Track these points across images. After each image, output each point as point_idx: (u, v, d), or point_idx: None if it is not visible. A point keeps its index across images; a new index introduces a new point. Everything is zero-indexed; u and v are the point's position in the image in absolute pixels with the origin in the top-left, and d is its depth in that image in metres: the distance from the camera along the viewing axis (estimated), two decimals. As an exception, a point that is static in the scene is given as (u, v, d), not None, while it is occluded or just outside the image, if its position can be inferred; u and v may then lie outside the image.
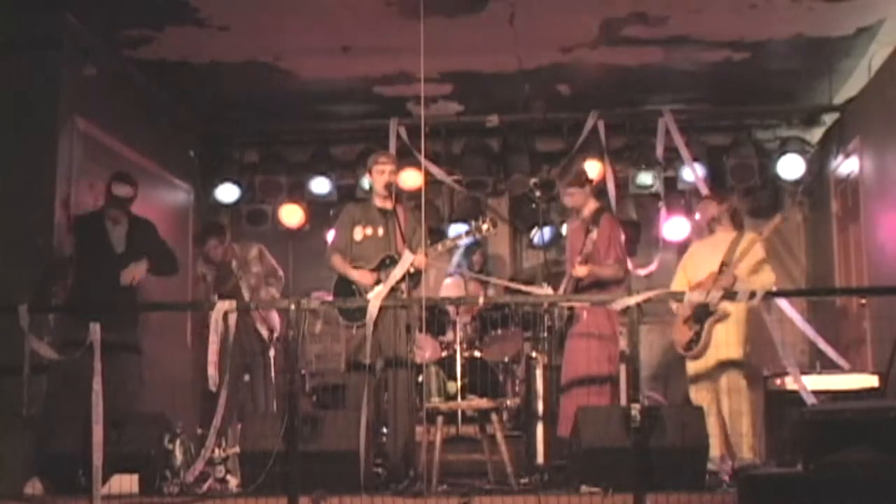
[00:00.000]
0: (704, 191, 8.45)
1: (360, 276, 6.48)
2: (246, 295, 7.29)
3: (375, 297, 6.01)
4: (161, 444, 5.96)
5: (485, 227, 6.48)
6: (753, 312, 6.52)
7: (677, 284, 6.82)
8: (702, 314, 6.52)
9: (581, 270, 6.43)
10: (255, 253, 7.72)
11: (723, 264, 6.51)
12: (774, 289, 6.52)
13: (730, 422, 6.46)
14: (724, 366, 6.50)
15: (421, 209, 6.94)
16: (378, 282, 6.38)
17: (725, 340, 6.51)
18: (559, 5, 7.12)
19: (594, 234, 6.40)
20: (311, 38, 7.64)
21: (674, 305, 6.74)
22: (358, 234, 6.57)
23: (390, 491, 5.75)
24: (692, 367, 6.68)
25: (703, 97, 9.01)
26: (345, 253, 6.57)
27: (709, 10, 7.19)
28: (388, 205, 6.56)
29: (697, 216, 7.08)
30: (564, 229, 7.75)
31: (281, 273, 7.85)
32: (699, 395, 6.61)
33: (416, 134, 8.14)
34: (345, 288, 6.50)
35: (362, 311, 6.12)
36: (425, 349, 7.54)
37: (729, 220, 6.78)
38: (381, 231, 6.55)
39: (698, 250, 6.90)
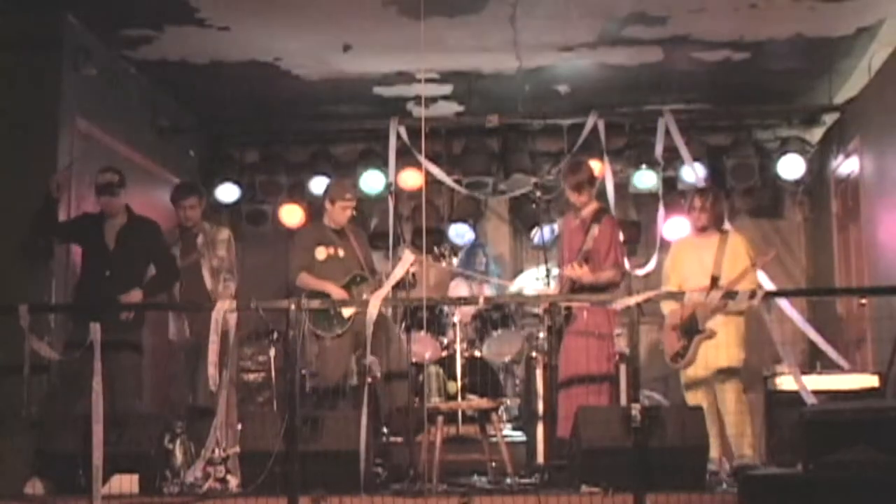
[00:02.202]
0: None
1: (331, 289, 6.75)
2: (206, 276, 7.13)
3: (375, 298, 6.01)
4: (161, 444, 5.96)
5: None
6: (751, 314, 6.50)
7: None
8: (690, 329, 6.49)
9: (577, 271, 6.42)
10: (225, 237, 7.39)
11: (713, 279, 6.51)
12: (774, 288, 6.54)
13: (730, 422, 6.46)
14: (722, 374, 6.49)
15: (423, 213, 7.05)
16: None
17: (726, 342, 6.48)
18: (559, 5, 7.12)
19: (595, 231, 6.38)
20: (311, 38, 7.64)
21: (664, 309, 6.69)
22: (321, 253, 6.89)
23: (390, 491, 5.75)
24: (685, 374, 6.66)
25: (703, 97, 9.01)
26: (310, 272, 6.85)
27: (709, 10, 7.19)
28: (340, 226, 7.01)
29: (689, 208, 6.95)
30: (558, 226, 7.72)
31: (236, 274, 7.49)
32: (695, 399, 6.58)
33: (416, 134, 8.13)
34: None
35: (338, 320, 6.65)
36: (425, 348, 7.55)
37: (713, 220, 6.74)
38: (341, 252, 6.92)
39: (683, 253, 6.83)
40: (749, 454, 6.40)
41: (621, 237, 6.79)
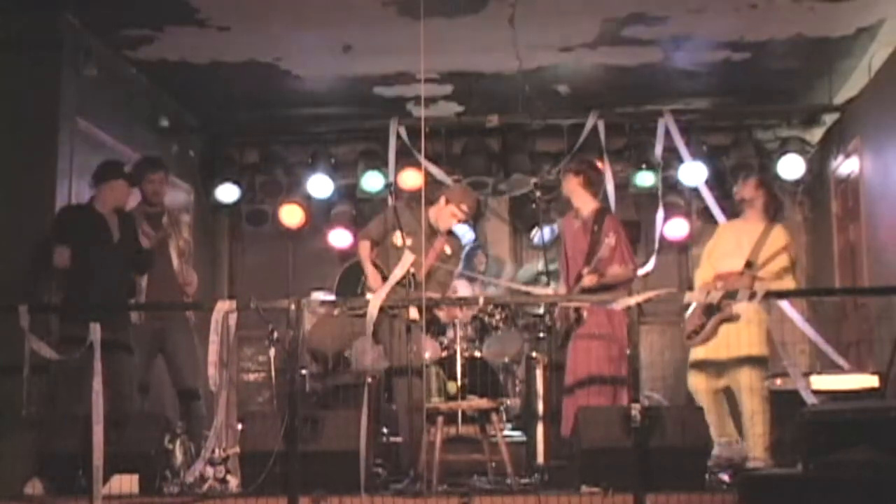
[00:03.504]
0: (706, 193, 8.48)
1: (372, 277, 6.59)
2: (174, 257, 6.98)
3: (375, 298, 6.01)
4: (161, 444, 5.95)
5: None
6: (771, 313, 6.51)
7: (701, 273, 6.80)
8: (711, 308, 6.50)
9: (591, 280, 6.44)
10: (188, 220, 7.37)
11: (747, 263, 6.52)
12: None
13: (746, 422, 6.44)
14: (745, 364, 6.47)
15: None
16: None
17: (748, 340, 6.47)
18: (559, 5, 7.12)
19: (612, 240, 6.37)
20: (311, 38, 7.64)
21: (697, 281, 6.72)
22: (399, 239, 6.56)
23: (390, 491, 5.75)
24: (696, 352, 6.64)
25: (703, 97, 9.01)
26: (374, 245, 6.69)
27: (709, 10, 7.19)
28: (439, 228, 6.74)
29: (741, 193, 6.91)
30: (557, 227, 7.73)
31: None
32: (696, 381, 6.58)
33: (416, 134, 8.14)
34: (352, 279, 6.57)
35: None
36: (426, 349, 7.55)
37: (761, 207, 6.73)
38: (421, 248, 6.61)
39: (724, 237, 6.85)
40: (762, 457, 6.35)
41: (625, 235, 6.79)
